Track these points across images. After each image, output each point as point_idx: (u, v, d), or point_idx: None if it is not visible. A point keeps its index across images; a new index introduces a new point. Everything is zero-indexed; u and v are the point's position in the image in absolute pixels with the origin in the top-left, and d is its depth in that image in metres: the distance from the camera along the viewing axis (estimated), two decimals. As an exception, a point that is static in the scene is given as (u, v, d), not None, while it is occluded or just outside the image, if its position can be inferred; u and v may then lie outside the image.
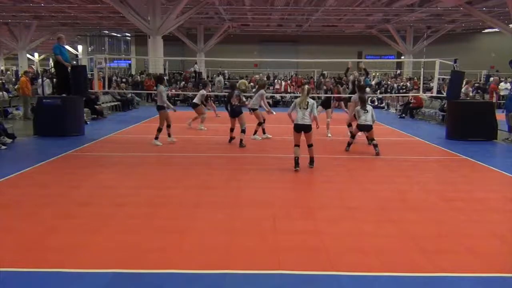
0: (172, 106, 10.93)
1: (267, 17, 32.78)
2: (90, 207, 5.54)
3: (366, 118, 9.40)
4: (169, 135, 10.32)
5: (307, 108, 7.64)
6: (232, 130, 10.47)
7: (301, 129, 7.67)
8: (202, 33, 37.09)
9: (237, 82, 10.86)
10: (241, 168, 8.00)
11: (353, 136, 9.94)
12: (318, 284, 3.68)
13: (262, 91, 11.17)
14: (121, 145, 10.34)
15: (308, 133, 7.71)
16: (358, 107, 9.61)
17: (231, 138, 10.47)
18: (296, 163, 7.66)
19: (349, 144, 9.80)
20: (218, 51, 34.79)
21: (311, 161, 7.90)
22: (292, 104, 7.90)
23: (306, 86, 7.95)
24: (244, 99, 10.34)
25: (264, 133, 11.39)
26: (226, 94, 10.80)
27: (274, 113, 11.58)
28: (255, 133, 11.19)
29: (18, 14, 32.29)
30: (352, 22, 34.63)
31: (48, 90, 14.29)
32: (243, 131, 10.06)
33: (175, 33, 33.79)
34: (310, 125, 7.65)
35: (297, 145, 7.73)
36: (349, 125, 10.75)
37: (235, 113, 10.22)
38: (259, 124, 11.20)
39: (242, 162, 8.56)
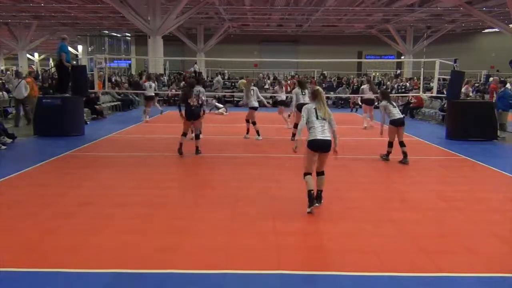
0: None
1: (267, 17, 32.82)
2: (90, 207, 5.53)
3: (398, 111, 8.64)
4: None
5: (326, 119, 5.56)
6: (185, 135, 8.96)
7: (320, 147, 5.45)
8: (202, 33, 37.13)
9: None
10: (241, 168, 8.00)
11: (391, 144, 8.63)
12: (318, 284, 3.68)
13: (256, 88, 11.58)
14: (121, 145, 10.34)
15: (326, 154, 5.55)
16: (385, 102, 8.60)
17: (181, 146, 8.83)
18: (312, 199, 5.42)
19: (388, 153, 8.69)
20: (218, 51, 34.83)
21: (319, 195, 5.57)
22: (304, 113, 5.57)
23: (318, 88, 5.87)
24: (204, 98, 9.11)
25: (247, 133, 11.30)
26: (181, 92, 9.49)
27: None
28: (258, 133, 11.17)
29: (18, 14, 32.32)
30: (352, 22, 34.66)
31: (25, 93, 13.28)
32: (197, 136, 9.02)
33: (175, 33, 33.82)
34: (331, 142, 5.54)
35: (310, 173, 5.51)
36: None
37: (194, 115, 8.78)
38: (254, 123, 11.16)
39: (241, 162, 8.56)
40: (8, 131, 10.29)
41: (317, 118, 5.50)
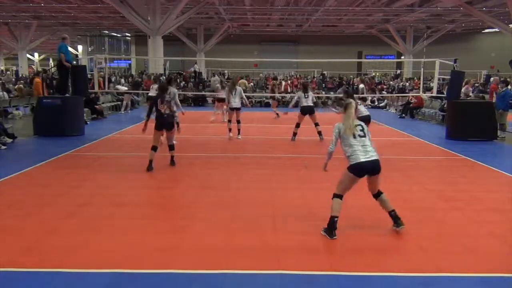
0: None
1: (267, 17, 32.82)
2: (90, 207, 5.53)
3: (365, 109, 9.27)
4: None
5: (365, 134, 4.69)
6: (155, 149, 7.63)
7: (369, 171, 4.61)
8: (202, 33, 37.12)
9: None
10: (241, 168, 8.00)
11: None
12: (318, 284, 3.68)
13: (240, 88, 11.32)
14: (121, 145, 10.33)
15: (377, 176, 4.70)
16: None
17: (151, 163, 7.60)
18: (334, 228, 4.59)
19: None
20: (218, 51, 34.80)
21: (395, 217, 4.75)
22: (335, 133, 4.75)
23: (351, 101, 4.90)
24: (174, 107, 7.79)
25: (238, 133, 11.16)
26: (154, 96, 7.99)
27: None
28: (238, 133, 11.12)
29: (18, 14, 32.31)
30: (352, 22, 34.66)
31: None
32: (171, 147, 7.84)
33: (175, 33, 33.81)
34: (379, 161, 4.65)
35: (341, 196, 4.78)
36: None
37: (167, 124, 7.57)
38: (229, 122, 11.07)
39: (241, 162, 8.55)
40: (8, 131, 10.28)
41: (354, 136, 4.62)
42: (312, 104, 10.99)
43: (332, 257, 4.17)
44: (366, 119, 8.60)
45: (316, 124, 10.89)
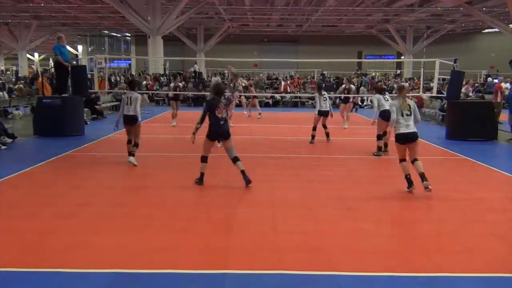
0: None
1: (267, 17, 32.84)
2: (90, 207, 5.53)
3: (327, 104, 10.42)
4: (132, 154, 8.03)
5: (410, 113, 6.31)
6: (206, 159, 6.71)
7: (407, 139, 6.27)
8: (202, 33, 37.15)
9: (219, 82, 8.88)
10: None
11: (314, 128, 10.52)
12: (318, 284, 3.68)
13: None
14: (121, 145, 10.29)
15: (414, 143, 6.30)
16: (318, 95, 10.52)
17: (203, 176, 6.72)
18: (411, 182, 6.29)
19: (313, 137, 10.56)
20: (218, 51, 34.81)
21: (423, 176, 6.12)
22: (393, 109, 6.38)
23: (404, 84, 6.64)
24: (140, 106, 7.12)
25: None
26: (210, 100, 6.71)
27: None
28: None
29: (18, 14, 32.33)
30: (352, 22, 34.68)
31: None
32: (236, 159, 6.62)
33: (175, 33, 33.83)
34: (416, 133, 6.31)
35: (404, 160, 6.41)
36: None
37: (223, 133, 6.60)
38: None
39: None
40: (8, 131, 10.28)
41: (402, 115, 6.26)
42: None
43: (332, 257, 4.17)
44: (326, 113, 10.36)
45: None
